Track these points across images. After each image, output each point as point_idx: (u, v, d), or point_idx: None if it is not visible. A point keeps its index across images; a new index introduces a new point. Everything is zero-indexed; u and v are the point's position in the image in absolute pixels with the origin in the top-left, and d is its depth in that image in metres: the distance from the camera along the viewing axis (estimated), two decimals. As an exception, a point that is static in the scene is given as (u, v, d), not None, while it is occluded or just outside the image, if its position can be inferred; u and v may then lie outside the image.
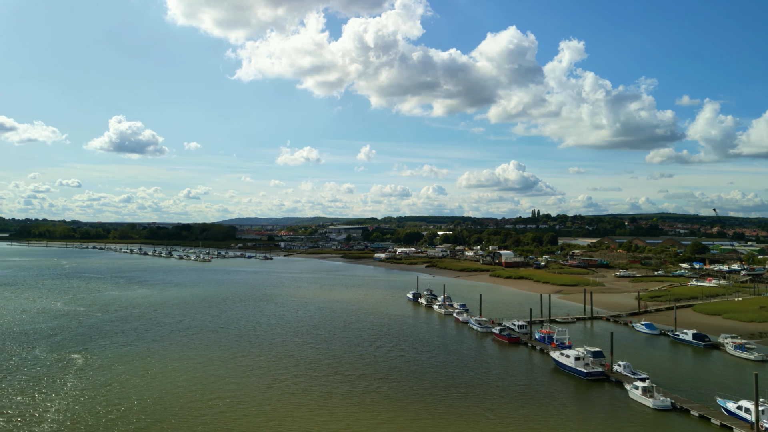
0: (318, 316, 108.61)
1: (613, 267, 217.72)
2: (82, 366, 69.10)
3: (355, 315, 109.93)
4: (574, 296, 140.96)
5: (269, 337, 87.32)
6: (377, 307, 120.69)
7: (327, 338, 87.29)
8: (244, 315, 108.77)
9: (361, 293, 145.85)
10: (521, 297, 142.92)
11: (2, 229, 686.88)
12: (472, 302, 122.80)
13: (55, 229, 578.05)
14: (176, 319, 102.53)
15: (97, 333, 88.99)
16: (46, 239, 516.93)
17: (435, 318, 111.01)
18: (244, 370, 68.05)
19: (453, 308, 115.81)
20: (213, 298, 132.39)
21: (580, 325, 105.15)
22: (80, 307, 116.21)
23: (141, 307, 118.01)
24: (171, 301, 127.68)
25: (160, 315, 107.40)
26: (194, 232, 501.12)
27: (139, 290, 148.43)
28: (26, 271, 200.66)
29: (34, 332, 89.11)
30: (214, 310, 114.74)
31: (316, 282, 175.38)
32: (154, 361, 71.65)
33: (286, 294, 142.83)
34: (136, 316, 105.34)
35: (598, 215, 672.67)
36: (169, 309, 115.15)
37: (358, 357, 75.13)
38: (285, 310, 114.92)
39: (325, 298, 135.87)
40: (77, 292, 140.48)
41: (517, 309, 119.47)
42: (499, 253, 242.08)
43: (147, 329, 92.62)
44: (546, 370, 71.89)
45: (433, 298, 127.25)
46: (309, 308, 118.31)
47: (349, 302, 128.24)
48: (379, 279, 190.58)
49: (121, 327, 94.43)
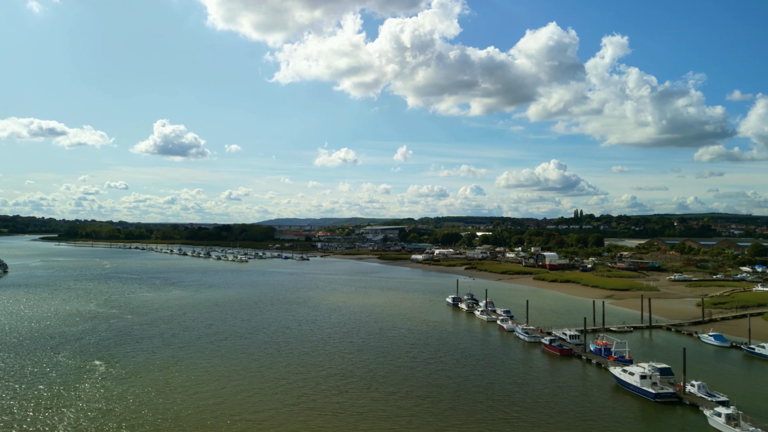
0: (352, 321, 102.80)
1: (665, 270, 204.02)
2: (102, 374, 65.24)
3: (391, 321, 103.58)
4: (627, 302, 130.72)
5: (299, 345, 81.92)
6: (414, 313, 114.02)
7: (360, 347, 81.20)
8: (275, 319, 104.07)
9: (398, 297, 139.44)
10: (569, 302, 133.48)
11: (53, 229, 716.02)
12: (516, 308, 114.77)
13: (100, 229, 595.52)
14: (205, 324, 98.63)
15: (124, 337, 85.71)
16: (92, 240, 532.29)
17: (477, 325, 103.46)
18: (270, 383, 62.63)
19: (496, 315, 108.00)
20: (245, 301, 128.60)
21: (637, 335, 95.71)
22: (112, 309, 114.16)
23: (172, 309, 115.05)
24: (203, 303, 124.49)
25: (190, 319, 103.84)
26: (234, 233, 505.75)
27: (173, 292, 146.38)
28: (67, 272, 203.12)
29: (62, 335, 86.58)
30: (245, 313, 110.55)
31: (352, 284, 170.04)
32: (177, 370, 67.15)
33: (319, 297, 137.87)
34: (165, 320, 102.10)
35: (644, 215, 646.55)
36: (200, 312, 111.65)
37: (393, 370, 68.67)
38: (318, 315, 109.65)
39: (359, 301, 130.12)
40: (112, 294, 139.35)
41: (566, 316, 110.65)
42: (543, 254, 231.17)
43: (174, 334, 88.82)
44: (605, 388, 63.67)
45: (474, 303, 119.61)
46: (343, 313, 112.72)
47: (385, 307, 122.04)
48: (417, 282, 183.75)
49: (149, 331, 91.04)
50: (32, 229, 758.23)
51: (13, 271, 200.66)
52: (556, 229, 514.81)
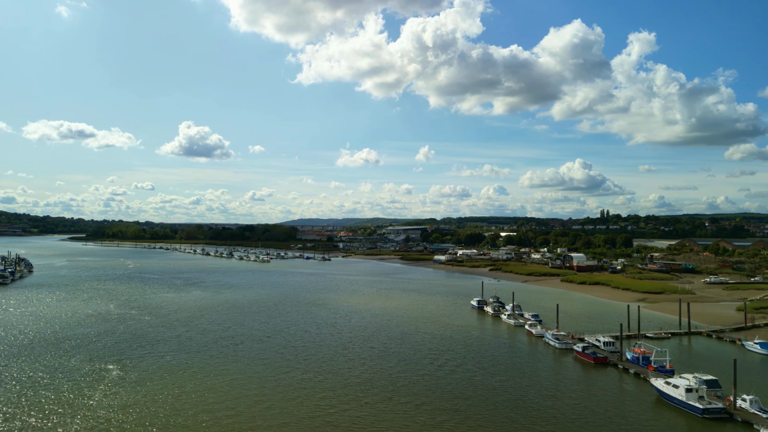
0: (373, 325, 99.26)
1: (699, 272, 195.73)
2: (114, 380, 62.94)
3: (414, 325, 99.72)
4: (662, 306, 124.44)
5: (317, 350, 78.68)
6: (438, 316, 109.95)
7: (381, 353, 77.56)
8: (293, 322, 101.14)
9: (420, 299, 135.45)
10: (599, 306, 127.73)
11: (82, 229, 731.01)
12: (544, 312, 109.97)
13: (126, 230, 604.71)
14: (223, 326, 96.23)
15: (140, 340, 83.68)
16: (118, 239, 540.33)
17: (504, 330, 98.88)
18: (285, 391, 59.44)
19: (524, 319, 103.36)
20: (265, 302, 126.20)
21: (675, 342, 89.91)
22: (132, 310, 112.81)
23: (191, 311, 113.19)
24: (222, 304, 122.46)
25: (207, 321, 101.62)
26: (257, 233, 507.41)
27: (193, 292, 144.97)
28: (90, 272, 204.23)
29: (79, 337, 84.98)
30: (264, 315, 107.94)
31: (373, 285, 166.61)
32: (190, 376, 64.48)
33: (340, 299, 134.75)
34: (183, 321, 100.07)
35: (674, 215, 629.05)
36: (218, 314, 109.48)
37: (417, 379, 64.86)
38: (337, 318, 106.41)
39: (381, 304, 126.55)
40: (132, 294, 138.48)
41: (598, 321, 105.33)
42: (570, 255, 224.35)
43: (190, 337, 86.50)
44: (646, 402, 58.84)
45: (500, 307, 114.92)
46: (363, 316, 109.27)
47: (407, 309, 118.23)
48: (439, 283, 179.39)
49: (165, 333, 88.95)
50: (61, 230, 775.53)
51: (38, 270, 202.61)
52: (582, 229, 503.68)
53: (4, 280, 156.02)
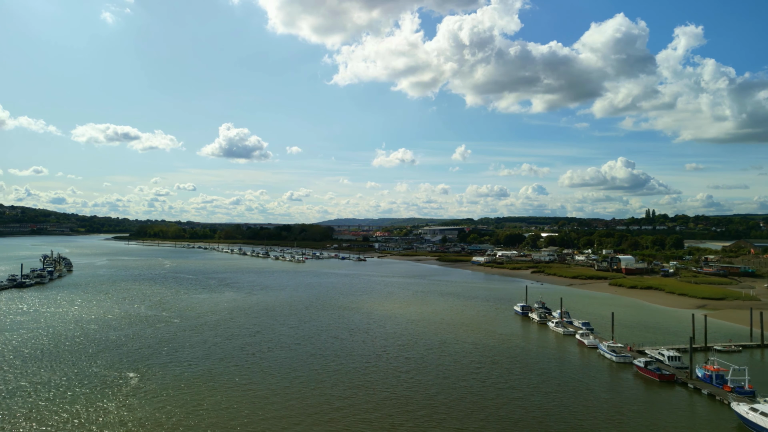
0: (409, 332, 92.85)
1: (760, 276, 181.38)
2: (132, 389, 58.72)
3: (453, 332, 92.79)
4: (725, 314, 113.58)
5: (349, 360, 72.88)
6: (479, 323, 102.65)
7: (418, 364, 71.12)
8: (325, 327, 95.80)
9: (459, 304, 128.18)
10: (655, 313, 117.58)
11: (126, 229, 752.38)
12: (594, 319, 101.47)
13: (167, 229, 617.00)
14: (252, 331, 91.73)
15: (164, 345, 79.86)
16: (159, 239, 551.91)
17: (551, 339, 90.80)
18: (310, 409, 53.72)
19: (574, 327, 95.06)
20: (297, 305, 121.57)
21: (747, 356, 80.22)
22: (162, 312, 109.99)
23: (221, 313, 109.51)
24: (253, 307, 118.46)
25: (237, 324, 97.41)
26: (293, 233, 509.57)
27: (226, 294, 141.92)
28: (128, 271, 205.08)
29: (104, 341, 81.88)
30: (294, 319, 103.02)
31: (409, 288, 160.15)
32: (210, 389, 59.66)
33: (374, 302, 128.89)
34: (211, 325, 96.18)
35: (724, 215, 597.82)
36: (248, 317, 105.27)
37: (458, 396, 58.12)
38: (371, 323, 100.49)
39: (417, 308, 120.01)
40: (165, 295, 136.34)
41: (656, 330, 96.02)
42: (617, 257, 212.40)
43: (217, 343, 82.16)
44: (727, 430, 50.53)
45: (546, 313, 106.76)
46: (399, 321, 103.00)
47: (446, 315, 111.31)
48: (479, 287, 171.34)
49: (192, 338, 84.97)
50: (107, 229, 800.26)
51: (77, 270, 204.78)
52: (627, 230, 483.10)
53: (42, 280, 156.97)
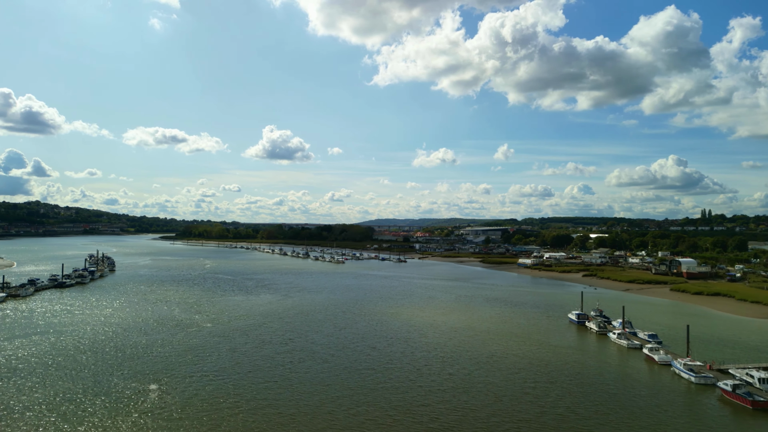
0: (453, 342, 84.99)
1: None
2: (150, 406, 53.59)
3: (502, 343, 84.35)
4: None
5: (386, 375, 65.84)
6: (530, 333, 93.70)
7: (465, 383, 63.33)
8: (362, 335, 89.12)
9: (507, 311, 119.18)
10: (728, 324, 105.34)
11: (173, 229, 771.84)
12: (660, 330, 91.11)
13: (211, 229, 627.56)
14: (285, 338, 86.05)
15: (192, 353, 75.03)
16: (203, 239, 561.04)
17: (614, 353, 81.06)
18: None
19: (639, 339, 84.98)
20: (333, 309, 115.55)
21: None
22: (195, 315, 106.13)
23: (255, 317, 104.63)
24: (288, 311, 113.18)
25: (269, 331, 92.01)
26: (334, 233, 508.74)
27: (262, 296, 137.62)
28: (169, 272, 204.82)
29: (130, 348, 77.88)
30: (330, 326, 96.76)
31: (451, 292, 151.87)
32: (233, 406, 53.89)
33: (415, 307, 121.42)
34: (243, 330, 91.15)
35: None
36: (282, 322, 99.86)
37: (514, 426, 50.06)
38: (411, 332, 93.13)
39: (461, 315, 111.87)
40: (201, 297, 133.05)
41: (735, 345, 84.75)
42: (677, 260, 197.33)
43: (247, 351, 76.76)
44: None
45: (606, 323, 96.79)
46: (441, 330, 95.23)
47: (492, 323, 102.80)
48: (527, 291, 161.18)
49: (221, 345, 79.94)
50: (155, 229, 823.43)
51: (120, 269, 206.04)
52: (682, 230, 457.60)
53: (83, 280, 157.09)
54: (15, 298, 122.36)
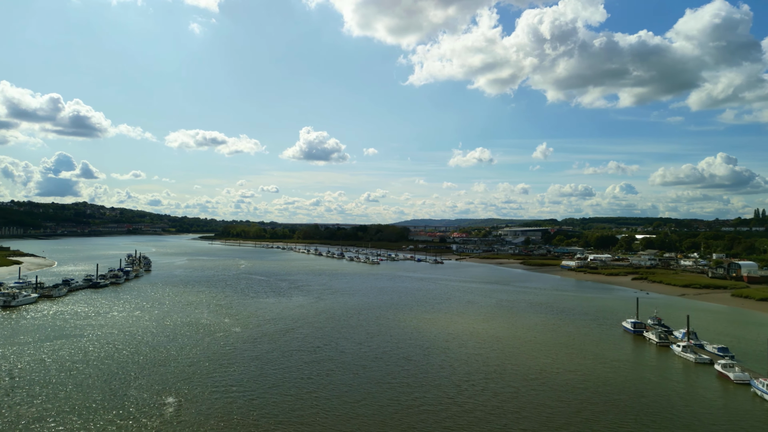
0: (496, 353, 77.72)
1: None
2: (163, 423, 48.81)
3: (551, 356, 76.55)
4: None
5: (422, 391, 59.36)
6: (581, 343, 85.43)
7: (512, 402, 56.12)
8: (396, 343, 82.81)
9: (553, 318, 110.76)
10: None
11: (213, 229, 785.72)
12: (729, 341, 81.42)
13: (249, 229, 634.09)
14: (312, 346, 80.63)
15: (215, 361, 70.44)
16: (241, 239, 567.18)
17: (680, 369, 72.05)
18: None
19: (707, 353, 75.69)
20: (366, 314, 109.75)
21: None
22: (224, 319, 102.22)
23: (284, 321, 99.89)
24: (319, 315, 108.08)
25: (298, 337, 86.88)
26: (369, 233, 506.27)
27: (294, 298, 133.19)
28: (203, 272, 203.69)
29: (152, 355, 73.95)
30: (362, 333, 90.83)
31: (492, 296, 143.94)
32: (254, 425, 48.50)
33: (453, 312, 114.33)
34: (271, 337, 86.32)
35: None
36: (312, 328, 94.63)
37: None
38: (450, 340, 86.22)
39: (503, 322, 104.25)
40: (232, 299, 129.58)
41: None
42: (737, 263, 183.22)
43: (272, 360, 71.64)
44: None
45: (667, 333, 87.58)
46: (483, 338, 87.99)
47: (539, 331, 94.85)
48: (573, 295, 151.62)
49: (246, 353, 75.17)
50: (195, 229, 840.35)
51: (155, 270, 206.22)
52: (735, 231, 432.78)
53: (117, 280, 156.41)
54: (48, 299, 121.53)
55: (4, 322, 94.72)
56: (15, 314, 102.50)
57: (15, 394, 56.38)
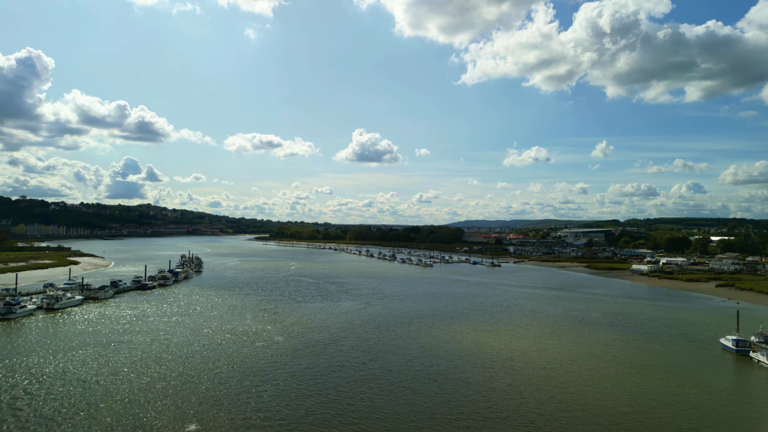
0: (572, 375, 66.19)
1: None
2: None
3: (641, 380, 64.18)
4: None
5: (485, 425, 49.12)
6: (674, 365, 72.19)
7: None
8: (452, 361, 72.58)
9: (635, 332, 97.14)
10: None
11: (268, 230, 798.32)
12: None
13: (302, 230, 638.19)
14: (360, 361, 71.84)
15: (251, 378, 62.93)
16: (294, 239, 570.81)
17: (807, 404, 58.39)
18: None
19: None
20: (419, 324, 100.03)
21: None
22: (267, 326, 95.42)
23: (331, 330, 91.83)
24: (368, 323, 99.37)
25: (345, 349, 78.35)
26: (422, 234, 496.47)
27: (342, 303, 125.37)
28: (253, 273, 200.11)
29: (183, 367, 67.41)
30: (414, 347, 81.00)
31: (558, 304, 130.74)
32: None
33: (516, 324, 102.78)
34: (314, 348, 78.27)
35: None
36: (359, 339, 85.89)
37: None
38: (515, 358, 75.15)
39: (576, 336, 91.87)
40: (278, 304, 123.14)
41: None
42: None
43: (311, 378, 63.31)
44: None
45: (780, 356, 73.10)
46: (553, 357, 76.40)
47: (619, 348, 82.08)
48: (650, 304, 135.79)
49: (285, 368, 67.30)
50: (252, 230, 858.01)
51: (206, 271, 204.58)
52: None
53: (166, 282, 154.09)
54: (93, 301, 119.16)
55: (40, 327, 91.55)
56: (56, 318, 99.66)
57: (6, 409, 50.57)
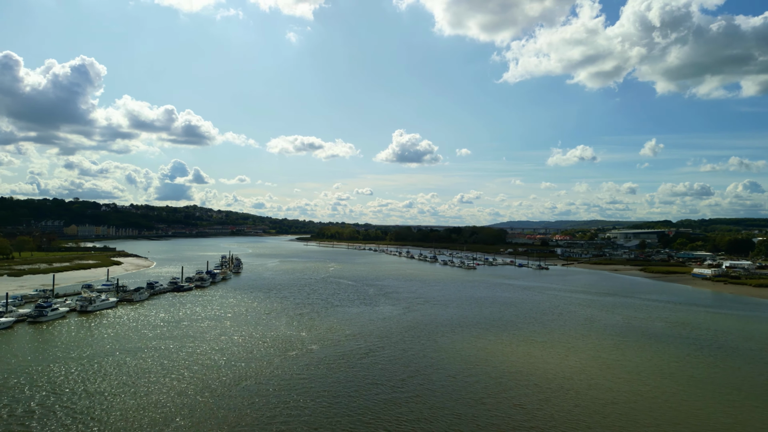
0: (644, 402, 57.22)
1: None
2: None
3: (731, 409, 54.76)
4: None
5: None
6: (761, 386, 62.29)
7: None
8: (501, 380, 64.78)
9: (708, 348, 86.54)
10: None
11: (309, 230, 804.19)
12: None
13: (342, 231, 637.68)
14: (396, 376, 65.10)
15: (277, 395, 57.27)
16: (335, 240, 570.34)
17: None
18: None
19: None
20: (462, 333, 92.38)
21: None
22: (302, 332, 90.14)
23: (367, 338, 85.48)
24: (409, 332, 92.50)
25: (381, 361, 71.81)
26: (464, 235, 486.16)
27: (381, 308, 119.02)
28: (292, 275, 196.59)
29: (204, 381, 62.45)
30: (457, 360, 73.38)
31: (615, 311, 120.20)
32: None
33: (572, 335, 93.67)
34: (349, 359, 72.08)
35: None
36: (398, 349, 79.10)
37: None
38: (573, 376, 66.65)
39: (641, 351, 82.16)
40: (314, 308, 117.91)
41: None
42: None
43: (344, 396, 57.00)
44: None
45: None
46: (617, 375, 67.46)
47: (695, 366, 72.27)
48: (718, 314, 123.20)
49: (317, 383, 61.37)
50: (294, 230, 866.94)
51: (245, 272, 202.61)
52: None
53: (203, 283, 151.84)
54: (128, 303, 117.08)
55: (70, 330, 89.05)
56: (87, 321, 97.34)
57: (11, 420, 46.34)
